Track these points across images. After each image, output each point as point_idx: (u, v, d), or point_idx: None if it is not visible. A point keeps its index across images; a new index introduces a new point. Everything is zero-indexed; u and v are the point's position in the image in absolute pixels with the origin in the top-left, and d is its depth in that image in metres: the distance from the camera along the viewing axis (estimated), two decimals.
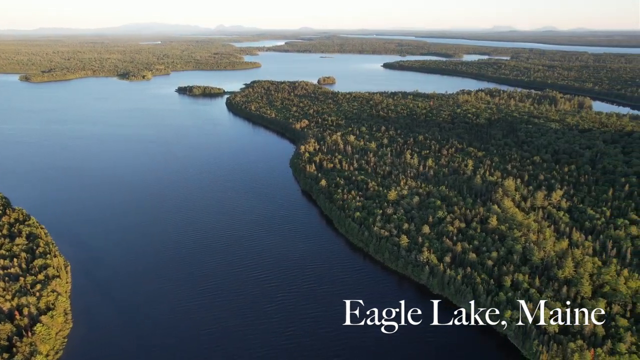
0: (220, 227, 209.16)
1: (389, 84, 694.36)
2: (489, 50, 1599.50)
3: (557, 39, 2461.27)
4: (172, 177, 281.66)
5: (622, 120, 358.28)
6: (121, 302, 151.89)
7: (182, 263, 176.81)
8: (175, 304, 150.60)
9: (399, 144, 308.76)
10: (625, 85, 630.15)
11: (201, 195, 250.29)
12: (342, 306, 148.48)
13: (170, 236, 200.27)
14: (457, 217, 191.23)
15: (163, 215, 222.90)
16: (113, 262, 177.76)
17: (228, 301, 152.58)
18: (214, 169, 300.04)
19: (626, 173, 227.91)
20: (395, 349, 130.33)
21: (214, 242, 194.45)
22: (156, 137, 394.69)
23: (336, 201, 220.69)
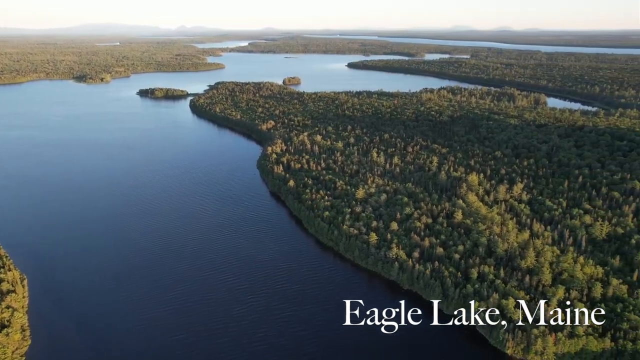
0: (188, 232, 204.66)
1: (353, 83, 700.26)
2: (449, 50, 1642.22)
3: (513, 39, 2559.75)
4: (135, 182, 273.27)
5: (574, 115, 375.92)
6: (84, 315, 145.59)
7: (148, 270, 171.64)
8: (143, 313, 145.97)
9: (366, 143, 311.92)
10: (576, 83, 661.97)
11: (167, 200, 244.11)
12: (314, 305, 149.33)
13: (135, 243, 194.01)
14: (424, 213, 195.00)
15: (127, 222, 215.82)
16: (74, 273, 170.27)
17: (198, 306, 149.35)
18: (180, 172, 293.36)
19: (579, 165, 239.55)
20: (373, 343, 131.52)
21: (182, 247, 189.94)
22: (117, 141, 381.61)
23: (305, 201, 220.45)
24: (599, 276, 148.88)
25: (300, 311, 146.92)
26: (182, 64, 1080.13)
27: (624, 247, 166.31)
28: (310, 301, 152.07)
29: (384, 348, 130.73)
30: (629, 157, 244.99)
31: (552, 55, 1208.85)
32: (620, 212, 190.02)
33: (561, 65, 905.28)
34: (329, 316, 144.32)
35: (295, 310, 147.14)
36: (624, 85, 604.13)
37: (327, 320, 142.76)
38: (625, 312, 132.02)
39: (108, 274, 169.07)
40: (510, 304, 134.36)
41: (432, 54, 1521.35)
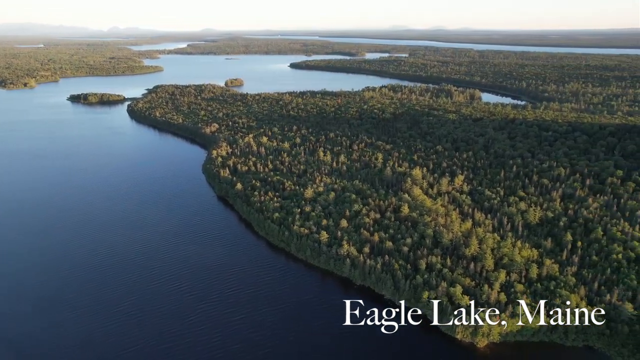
0: (132, 242, 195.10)
1: (297, 83, 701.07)
2: (388, 48, 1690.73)
3: (447, 37, 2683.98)
4: (72, 193, 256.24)
5: (506, 109, 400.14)
6: (19, 341, 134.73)
7: (91, 286, 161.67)
8: (89, 331, 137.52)
9: (312, 142, 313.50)
10: (506, 79, 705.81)
11: (107, 210, 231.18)
12: (268, 307, 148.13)
13: (75, 258, 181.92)
14: (372, 209, 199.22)
15: (65, 236, 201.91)
16: (7, 297, 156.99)
17: (149, 318, 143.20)
18: (121, 180, 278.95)
19: (513, 156, 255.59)
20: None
21: (127, 259, 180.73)
22: (49, 151, 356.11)
23: (254, 204, 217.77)
24: (535, 258, 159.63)
25: (255, 314, 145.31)
26: (116, 67, 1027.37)
27: (554, 230, 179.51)
28: (264, 304, 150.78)
29: (342, 343, 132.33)
30: (554, 146, 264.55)
31: (484, 53, 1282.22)
32: (549, 198, 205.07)
33: (492, 62, 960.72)
34: (284, 317, 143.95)
35: (249, 314, 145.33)
36: (546, 80, 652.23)
37: (282, 321, 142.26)
38: (557, 289, 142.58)
39: (46, 294, 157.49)
40: (458, 291, 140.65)
41: (372, 53, 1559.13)
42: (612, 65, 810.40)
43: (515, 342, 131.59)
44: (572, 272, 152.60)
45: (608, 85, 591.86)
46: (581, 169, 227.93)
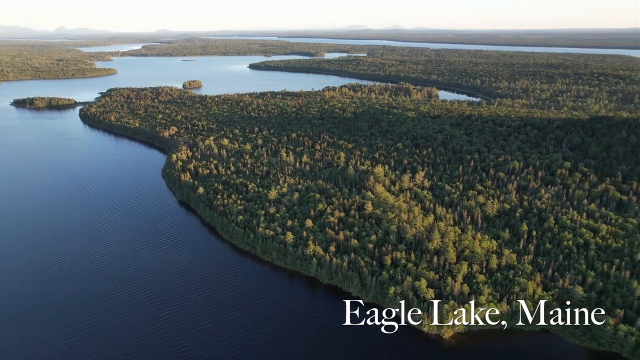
0: (90, 253, 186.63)
1: (257, 84, 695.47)
2: (347, 48, 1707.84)
3: (404, 37, 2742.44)
4: (22, 202, 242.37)
5: (462, 105, 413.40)
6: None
7: (43, 302, 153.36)
8: (39, 352, 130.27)
9: (274, 143, 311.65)
10: (461, 76, 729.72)
11: (61, 220, 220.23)
12: (235, 311, 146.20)
13: (24, 273, 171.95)
14: (337, 208, 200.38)
15: (12, 250, 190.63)
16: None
17: (110, 330, 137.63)
18: (75, 188, 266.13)
19: (470, 151, 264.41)
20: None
21: (83, 271, 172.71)
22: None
23: (217, 207, 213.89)
24: (494, 249, 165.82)
25: (223, 318, 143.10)
26: (65, 70, 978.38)
27: (511, 221, 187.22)
28: (231, 307, 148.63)
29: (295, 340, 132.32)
30: (508, 140, 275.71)
31: (439, 52, 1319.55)
32: (505, 190, 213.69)
33: (447, 61, 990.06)
34: (252, 320, 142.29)
35: (217, 318, 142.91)
36: (499, 77, 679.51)
37: (250, 323, 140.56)
38: (516, 277, 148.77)
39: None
40: (423, 285, 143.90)
41: (331, 52, 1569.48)
42: (557, 63, 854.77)
43: (479, 330, 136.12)
44: (529, 260, 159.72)
45: (554, 82, 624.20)
46: (533, 162, 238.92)
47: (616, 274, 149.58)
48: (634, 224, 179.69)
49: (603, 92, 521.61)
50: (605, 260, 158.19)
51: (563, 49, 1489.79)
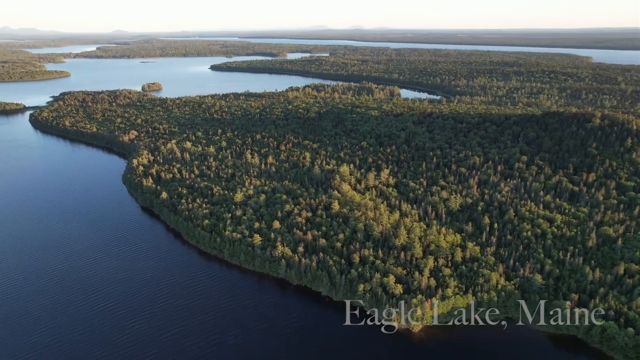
0: (49, 264, 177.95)
1: (219, 85, 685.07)
2: (309, 48, 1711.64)
3: (365, 37, 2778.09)
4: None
5: (423, 103, 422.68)
6: None
7: (3, 316, 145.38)
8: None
9: (238, 145, 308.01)
10: (422, 75, 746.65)
11: (17, 231, 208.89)
12: (204, 316, 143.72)
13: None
14: (304, 208, 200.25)
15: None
16: None
17: (70, 344, 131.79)
18: (30, 198, 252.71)
19: (432, 148, 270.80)
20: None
21: (42, 284, 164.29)
22: None
23: (181, 212, 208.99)
24: (458, 242, 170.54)
25: (191, 324, 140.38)
26: (12, 73, 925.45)
27: (474, 214, 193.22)
28: (199, 313, 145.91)
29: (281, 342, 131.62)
30: (468, 137, 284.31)
31: (400, 51, 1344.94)
32: (467, 185, 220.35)
33: (408, 60, 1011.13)
34: (221, 324, 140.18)
35: (185, 325, 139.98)
36: (458, 76, 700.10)
37: (220, 327, 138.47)
38: (480, 269, 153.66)
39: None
40: (391, 281, 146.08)
41: (293, 53, 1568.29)
42: (511, 61, 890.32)
43: (447, 322, 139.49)
44: (491, 252, 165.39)
45: (509, 79, 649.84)
46: (493, 157, 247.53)
47: (571, 261, 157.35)
48: (585, 213, 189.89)
49: (554, 89, 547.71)
50: (561, 248, 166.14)
51: (516, 48, 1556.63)
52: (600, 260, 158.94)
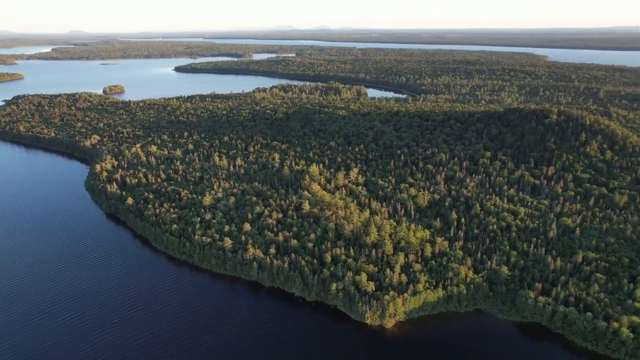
0: (7, 277, 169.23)
1: (184, 87, 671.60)
2: (275, 49, 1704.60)
3: (331, 36, 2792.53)
4: None
5: (390, 102, 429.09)
6: None
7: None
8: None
9: (205, 148, 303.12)
10: (387, 74, 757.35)
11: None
12: (174, 322, 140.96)
13: None
14: (274, 209, 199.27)
15: None
16: None
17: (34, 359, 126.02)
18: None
19: (400, 146, 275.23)
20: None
21: (4, 296, 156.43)
22: None
23: (149, 218, 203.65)
24: (427, 238, 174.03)
25: (161, 331, 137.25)
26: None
27: (442, 210, 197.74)
28: (170, 319, 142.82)
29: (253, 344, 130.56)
30: (434, 134, 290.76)
31: (365, 51, 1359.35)
32: (435, 181, 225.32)
33: (374, 59, 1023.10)
34: (193, 329, 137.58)
35: (155, 332, 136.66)
36: (422, 75, 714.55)
37: (192, 333, 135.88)
38: (449, 263, 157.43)
39: None
40: (363, 279, 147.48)
41: (259, 53, 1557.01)
42: (474, 60, 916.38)
43: (419, 317, 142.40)
44: (460, 246, 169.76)
45: (472, 77, 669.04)
46: (458, 153, 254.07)
47: (534, 252, 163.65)
48: (546, 205, 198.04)
49: (514, 86, 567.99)
50: (525, 240, 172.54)
51: (478, 47, 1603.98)
52: (560, 249, 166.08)
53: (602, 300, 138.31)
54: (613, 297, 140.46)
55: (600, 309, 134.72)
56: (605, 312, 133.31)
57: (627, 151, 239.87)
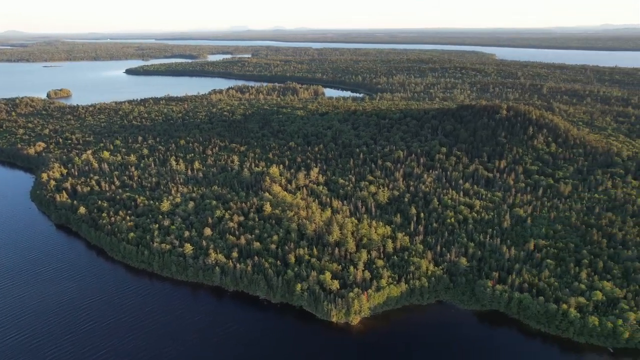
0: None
1: (136, 90, 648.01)
2: (230, 49, 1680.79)
3: (286, 37, 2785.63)
4: None
5: (347, 102, 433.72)
6: None
7: None
8: None
9: (161, 152, 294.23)
10: (344, 74, 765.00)
11: None
12: (135, 333, 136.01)
13: None
14: (235, 212, 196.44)
15: None
16: None
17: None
18: None
19: (358, 144, 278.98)
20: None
21: None
22: None
23: (103, 227, 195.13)
24: (389, 234, 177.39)
25: (120, 344, 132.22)
26: None
27: (401, 206, 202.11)
28: (129, 331, 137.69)
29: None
30: (391, 132, 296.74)
31: (321, 51, 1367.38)
32: (393, 178, 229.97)
33: (330, 59, 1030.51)
34: (154, 339, 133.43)
35: (113, 345, 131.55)
36: (378, 74, 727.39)
37: (153, 343, 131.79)
38: (410, 258, 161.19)
39: None
40: (327, 277, 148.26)
41: (214, 54, 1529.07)
42: (427, 59, 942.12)
43: (383, 312, 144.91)
44: (420, 241, 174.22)
45: (425, 76, 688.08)
46: (415, 150, 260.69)
47: (490, 242, 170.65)
48: (499, 197, 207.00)
49: (465, 84, 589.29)
50: (481, 231, 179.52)
51: (430, 46, 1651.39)
52: (514, 239, 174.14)
53: (553, 285, 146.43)
54: (562, 280, 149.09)
55: (551, 293, 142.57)
56: (556, 296, 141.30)
57: (570, 143, 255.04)
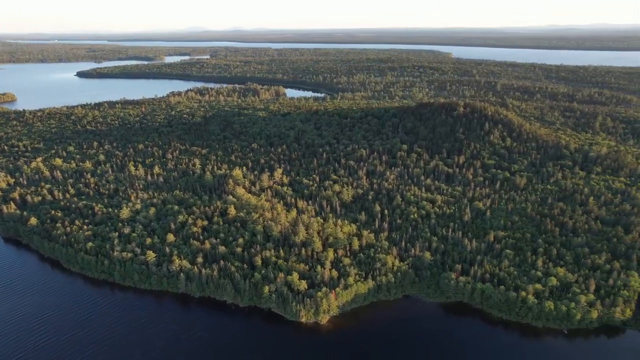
0: None
1: (90, 94, 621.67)
2: (188, 50, 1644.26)
3: (245, 37, 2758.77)
4: None
5: (309, 102, 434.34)
6: None
7: None
8: None
9: (119, 158, 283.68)
10: (305, 74, 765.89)
11: None
12: (96, 346, 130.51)
13: None
14: (199, 217, 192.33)
15: None
16: None
17: None
18: None
19: (321, 144, 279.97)
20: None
21: None
22: None
23: (58, 238, 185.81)
24: (354, 232, 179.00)
25: (80, 358, 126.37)
26: None
27: (365, 204, 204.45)
28: (89, 344, 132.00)
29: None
30: (354, 131, 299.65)
31: (281, 51, 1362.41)
32: (357, 177, 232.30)
33: (290, 59, 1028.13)
34: (116, 351, 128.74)
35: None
36: (338, 73, 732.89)
37: (116, 355, 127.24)
38: (376, 254, 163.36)
39: None
40: (295, 278, 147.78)
41: (172, 56, 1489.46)
42: (385, 58, 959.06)
43: (352, 309, 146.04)
44: (385, 237, 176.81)
45: (385, 75, 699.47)
46: (377, 148, 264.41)
47: (452, 236, 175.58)
48: (459, 192, 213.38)
49: (423, 82, 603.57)
50: (443, 225, 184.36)
51: (389, 46, 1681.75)
52: (475, 231, 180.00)
53: (512, 274, 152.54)
54: (520, 269, 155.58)
55: (510, 282, 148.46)
56: (515, 284, 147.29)
57: (523, 138, 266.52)
